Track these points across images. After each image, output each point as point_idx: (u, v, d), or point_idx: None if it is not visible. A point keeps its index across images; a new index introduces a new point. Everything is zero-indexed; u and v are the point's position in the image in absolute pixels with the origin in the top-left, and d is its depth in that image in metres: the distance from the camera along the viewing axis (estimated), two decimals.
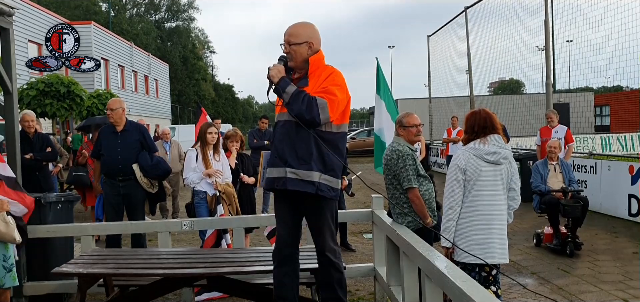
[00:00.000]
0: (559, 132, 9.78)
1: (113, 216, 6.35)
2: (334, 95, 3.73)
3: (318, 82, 3.78)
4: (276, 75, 3.77)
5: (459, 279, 2.97)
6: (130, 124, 6.54)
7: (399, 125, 4.78)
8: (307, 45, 3.85)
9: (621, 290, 5.80)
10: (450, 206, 4.09)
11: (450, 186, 4.12)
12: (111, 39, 35.15)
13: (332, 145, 3.82)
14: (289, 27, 3.93)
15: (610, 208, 9.87)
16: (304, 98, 3.67)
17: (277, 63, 3.84)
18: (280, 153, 3.81)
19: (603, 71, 12.06)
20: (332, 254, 3.92)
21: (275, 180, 3.82)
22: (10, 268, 4.23)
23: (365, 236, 8.72)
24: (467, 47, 16.99)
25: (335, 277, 3.93)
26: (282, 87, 3.74)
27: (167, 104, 48.40)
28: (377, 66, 8.43)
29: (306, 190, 3.74)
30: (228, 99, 75.09)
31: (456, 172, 4.09)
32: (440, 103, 23.20)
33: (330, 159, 3.80)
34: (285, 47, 3.87)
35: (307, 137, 3.74)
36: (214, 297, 5.57)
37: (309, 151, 3.74)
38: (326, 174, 3.78)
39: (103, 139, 6.44)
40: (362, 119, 77.18)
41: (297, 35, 3.86)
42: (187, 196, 7.32)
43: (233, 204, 6.35)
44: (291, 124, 3.77)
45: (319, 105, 3.66)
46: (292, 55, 3.84)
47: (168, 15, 66.76)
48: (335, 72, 3.87)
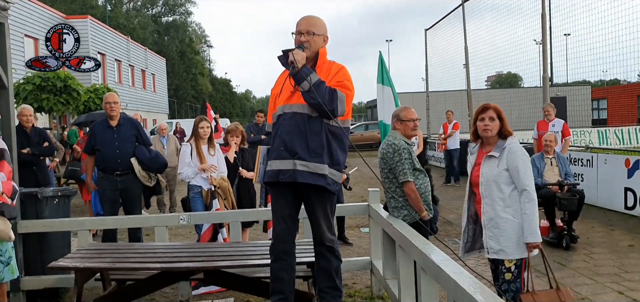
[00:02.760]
0: (556, 126, 9.79)
1: (110, 211, 6.35)
2: (350, 90, 3.83)
3: (328, 76, 3.79)
4: (300, 60, 3.70)
5: (454, 273, 3.00)
6: (124, 118, 6.54)
7: (396, 120, 4.78)
8: (323, 37, 3.92)
9: (616, 282, 5.83)
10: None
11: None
12: (108, 33, 35.07)
13: (338, 139, 3.87)
14: (306, 17, 3.92)
15: (607, 201, 9.90)
16: (326, 88, 3.69)
17: (297, 50, 3.75)
18: (288, 145, 3.75)
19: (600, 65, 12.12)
20: (331, 243, 3.96)
21: (281, 172, 3.77)
22: (7, 261, 4.23)
23: (362, 230, 8.75)
24: (465, 41, 16.99)
25: (334, 265, 3.97)
26: (304, 74, 3.66)
27: (165, 98, 48.35)
28: (380, 58, 8.51)
29: (317, 183, 3.75)
30: (225, 94, 75.10)
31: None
32: (438, 97, 23.23)
33: (336, 153, 3.85)
34: (303, 36, 3.83)
35: (319, 130, 3.77)
36: (211, 291, 5.58)
37: (322, 144, 3.76)
38: (332, 168, 3.82)
39: (98, 134, 6.40)
40: (360, 113, 77.12)
41: (318, 26, 3.89)
42: (184, 190, 7.33)
43: (229, 198, 6.35)
44: (302, 116, 3.75)
45: (338, 97, 3.71)
46: (309, 45, 3.82)
47: (165, 9, 66.63)
48: (344, 68, 3.92)
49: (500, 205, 3.89)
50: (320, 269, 4.03)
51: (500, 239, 3.89)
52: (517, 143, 3.99)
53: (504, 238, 3.88)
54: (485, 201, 3.97)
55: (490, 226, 3.93)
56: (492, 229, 3.92)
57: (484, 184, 3.97)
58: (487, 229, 3.96)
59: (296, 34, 3.88)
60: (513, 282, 3.94)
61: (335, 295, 3.97)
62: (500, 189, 3.90)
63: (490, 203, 3.93)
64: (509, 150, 3.92)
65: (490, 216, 3.93)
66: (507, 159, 3.89)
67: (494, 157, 3.94)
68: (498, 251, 3.91)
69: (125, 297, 4.91)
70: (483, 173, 3.99)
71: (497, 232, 3.90)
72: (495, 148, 3.99)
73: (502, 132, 4.00)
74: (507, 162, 3.89)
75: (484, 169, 3.99)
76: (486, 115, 4.00)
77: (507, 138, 3.99)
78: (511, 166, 3.87)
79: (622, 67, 11.89)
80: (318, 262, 4.03)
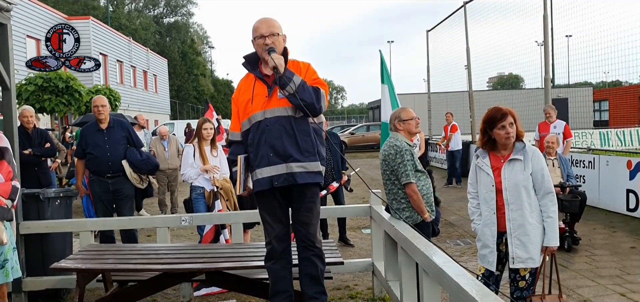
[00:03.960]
0: (557, 128, 9.79)
1: (104, 213, 6.32)
2: (325, 86, 3.84)
3: (300, 75, 3.73)
4: (282, 64, 3.62)
5: (456, 275, 2.99)
6: (114, 120, 6.50)
7: (397, 121, 4.76)
8: (283, 37, 3.86)
9: (618, 284, 5.82)
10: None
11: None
12: (110, 34, 35.08)
13: (320, 136, 3.90)
14: (263, 20, 3.80)
15: (608, 203, 9.88)
16: (309, 88, 3.67)
17: (272, 54, 3.65)
18: (279, 150, 3.69)
19: (602, 66, 12.09)
20: (320, 245, 3.95)
21: (274, 178, 3.71)
22: (2, 264, 4.23)
23: (364, 231, 8.74)
24: (466, 42, 16.98)
25: (321, 270, 3.94)
26: (288, 77, 3.61)
27: (166, 99, 48.37)
28: (381, 58, 8.52)
29: (315, 180, 3.77)
30: (227, 95, 75.02)
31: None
32: (439, 98, 23.20)
33: (321, 150, 3.87)
34: (268, 39, 3.71)
35: (307, 129, 3.77)
36: (212, 292, 5.58)
37: (312, 143, 3.78)
38: (321, 165, 3.84)
39: (88, 137, 6.36)
40: (361, 115, 77.11)
41: (277, 26, 3.82)
42: (186, 192, 7.33)
43: (231, 199, 6.36)
44: (287, 118, 3.71)
45: (321, 95, 3.72)
46: (275, 47, 3.73)
47: (167, 10, 66.71)
48: (311, 65, 3.90)
49: (528, 210, 3.76)
50: (307, 275, 3.92)
51: (529, 247, 3.75)
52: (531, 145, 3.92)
53: (533, 245, 3.76)
54: (511, 207, 3.80)
55: (518, 234, 3.78)
56: (521, 236, 3.77)
57: (509, 190, 3.80)
58: (514, 238, 3.79)
59: (258, 38, 3.75)
60: (526, 289, 3.87)
61: (323, 299, 3.94)
62: (528, 193, 3.77)
63: (518, 209, 3.78)
64: (532, 153, 3.81)
65: (520, 222, 3.77)
66: (532, 161, 3.78)
67: (519, 161, 3.79)
68: (526, 259, 3.77)
69: (127, 298, 4.91)
70: (507, 177, 3.81)
71: (526, 239, 3.76)
72: (515, 151, 3.84)
73: (517, 134, 3.87)
74: (532, 165, 3.77)
75: (508, 173, 3.82)
76: (506, 122, 3.79)
77: (521, 140, 3.88)
78: (536, 169, 3.76)
79: (624, 69, 11.87)
80: (305, 269, 3.93)
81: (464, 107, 17.96)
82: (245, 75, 3.96)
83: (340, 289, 5.79)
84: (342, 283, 5.99)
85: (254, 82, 3.83)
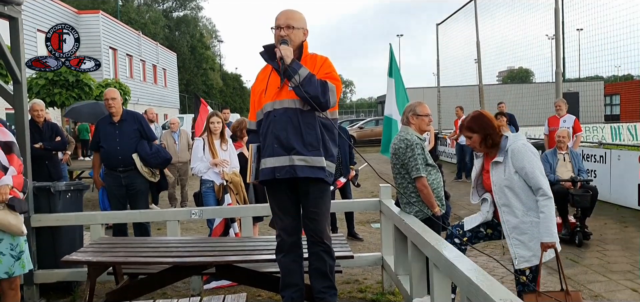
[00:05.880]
0: (567, 122, 9.71)
1: (117, 207, 6.35)
2: (338, 81, 3.79)
3: (315, 69, 3.74)
4: (288, 55, 3.64)
5: (467, 269, 2.97)
6: (127, 113, 6.51)
7: (412, 114, 4.72)
8: (303, 31, 3.86)
9: (630, 280, 5.78)
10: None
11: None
12: (119, 28, 35.22)
13: (330, 132, 3.85)
14: (285, 11, 3.84)
15: (620, 198, 9.81)
16: (317, 81, 3.64)
17: (284, 45, 3.68)
18: (283, 141, 3.69)
19: (613, 60, 11.99)
20: (329, 241, 3.93)
21: (276, 169, 3.72)
22: (18, 256, 4.26)
23: (373, 226, 8.73)
24: (476, 36, 16.89)
25: (330, 265, 3.94)
26: (294, 69, 3.61)
27: (175, 93, 48.52)
28: (390, 51, 8.49)
29: (317, 176, 3.72)
30: (236, 89, 75.19)
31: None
32: (449, 92, 23.11)
33: (330, 146, 3.83)
34: (282, 30, 3.75)
35: (314, 123, 3.73)
36: (222, 286, 5.60)
37: (317, 137, 3.73)
38: (327, 160, 3.80)
39: (101, 130, 6.39)
40: (371, 109, 76.95)
41: (297, 19, 3.82)
42: (196, 185, 7.35)
43: (240, 193, 6.37)
44: (295, 110, 3.70)
45: (330, 89, 3.68)
46: (290, 39, 3.75)
47: (176, 4, 66.78)
48: (328, 59, 3.87)
49: (521, 210, 3.78)
50: (315, 270, 3.93)
51: (530, 244, 3.75)
52: (520, 141, 3.87)
53: (534, 242, 3.75)
54: (503, 209, 3.86)
55: (515, 234, 3.80)
56: (518, 236, 3.79)
57: (497, 192, 3.88)
58: (512, 238, 3.82)
59: (275, 29, 3.80)
60: (528, 285, 3.87)
61: (332, 293, 3.94)
62: (515, 194, 3.79)
63: (510, 211, 3.82)
64: (511, 152, 3.80)
65: (514, 223, 3.81)
66: (512, 161, 3.79)
67: (500, 163, 3.86)
68: (530, 257, 3.77)
69: (137, 291, 4.92)
70: (494, 181, 3.90)
71: (524, 238, 3.77)
72: (498, 153, 3.90)
73: (491, 140, 3.91)
74: (512, 164, 3.79)
75: (494, 177, 3.91)
76: (465, 134, 4.05)
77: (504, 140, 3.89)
78: (518, 168, 3.76)
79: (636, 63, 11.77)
80: (313, 263, 3.93)
81: (473, 101, 17.87)
82: (264, 66, 3.97)
83: (349, 283, 5.79)
84: (352, 277, 5.98)
85: (270, 73, 3.85)
